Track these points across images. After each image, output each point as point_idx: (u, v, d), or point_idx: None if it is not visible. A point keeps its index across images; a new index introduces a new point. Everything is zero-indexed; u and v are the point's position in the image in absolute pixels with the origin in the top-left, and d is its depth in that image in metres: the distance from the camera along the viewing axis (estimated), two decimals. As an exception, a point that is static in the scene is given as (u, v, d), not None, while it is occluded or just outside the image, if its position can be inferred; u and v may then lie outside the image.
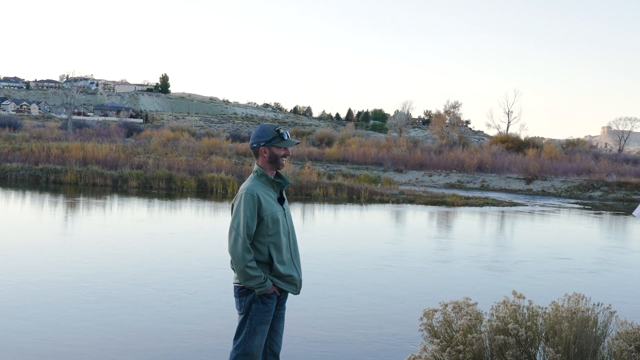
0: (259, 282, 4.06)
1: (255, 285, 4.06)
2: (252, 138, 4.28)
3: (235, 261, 4.07)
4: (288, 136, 4.27)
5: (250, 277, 4.05)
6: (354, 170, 36.46)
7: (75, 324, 7.15)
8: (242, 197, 4.10)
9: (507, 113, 71.78)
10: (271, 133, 4.22)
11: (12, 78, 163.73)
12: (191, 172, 26.02)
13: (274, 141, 4.21)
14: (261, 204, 4.10)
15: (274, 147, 4.21)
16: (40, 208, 17.88)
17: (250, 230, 4.07)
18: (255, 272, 4.05)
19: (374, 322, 7.80)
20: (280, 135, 4.23)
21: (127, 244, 12.44)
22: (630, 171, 37.82)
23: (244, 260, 4.03)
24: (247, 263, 4.03)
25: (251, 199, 4.08)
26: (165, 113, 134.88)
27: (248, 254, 4.04)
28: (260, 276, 4.07)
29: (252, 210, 4.06)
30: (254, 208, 4.07)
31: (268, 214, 4.11)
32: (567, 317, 4.68)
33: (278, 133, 4.23)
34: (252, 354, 4.12)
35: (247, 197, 4.08)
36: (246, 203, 4.07)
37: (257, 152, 4.25)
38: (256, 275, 4.05)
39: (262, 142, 4.22)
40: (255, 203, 4.08)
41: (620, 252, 14.88)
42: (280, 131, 4.24)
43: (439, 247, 14.38)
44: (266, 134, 4.23)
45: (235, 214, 4.12)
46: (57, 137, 42.28)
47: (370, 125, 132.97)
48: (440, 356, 4.75)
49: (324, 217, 19.21)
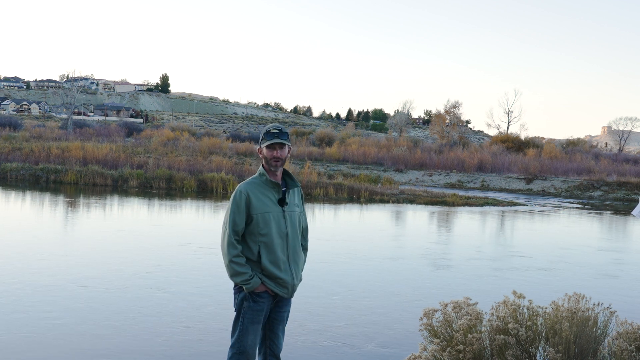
0: (245, 278, 4.08)
1: (241, 282, 4.10)
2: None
3: (222, 255, 4.15)
4: (275, 136, 4.15)
5: (236, 273, 4.10)
6: (354, 170, 36.47)
7: (76, 324, 7.15)
8: (234, 194, 4.19)
9: (508, 113, 71.89)
10: (262, 134, 4.23)
11: (12, 78, 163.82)
12: (191, 171, 26.04)
13: (262, 142, 4.22)
14: (251, 203, 4.13)
15: (264, 148, 4.20)
16: (41, 208, 17.87)
17: (237, 226, 4.11)
18: (241, 269, 4.08)
19: (374, 322, 7.80)
20: (265, 135, 4.19)
21: (128, 244, 12.44)
22: (631, 171, 37.82)
23: (228, 254, 4.09)
24: (231, 258, 4.08)
25: (240, 196, 4.14)
26: (166, 113, 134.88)
27: (233, 249, 4.09)
28: (247, 273, 4.08)
29: (239, 207, 4.12)
30: (242, 205, 4.12)
31: (258, 213, 4.12)
32: (567, 316, 4.68)
33: (265, 133, 4.20)
34: (246, 352, 4.15)
35: (237, 194, 4.16)
36: (234, 200, 4.15)
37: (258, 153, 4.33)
38: (242, 271, 4.08)
39: (259, 143, 4.28)
40: (243, 201, 4.12)
41: (621, 252, 14.87)
42: (268, 131, 4.18)
43: (439, 246, 14.38)
44: (260, 135, 4.26)
45: (226, 210, 4.21)
46: (58, 137, 42.30)
47: (371, 125, 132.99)
48: (441, 356, 4.75)
49: (324, 217, 19.20)
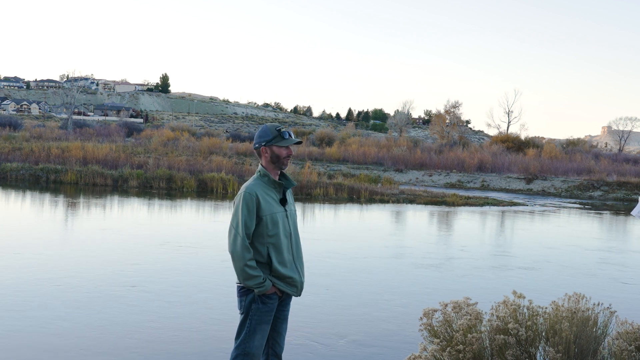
0: (258, 282, 4.06)
1: (254, 285, 4.06)
2: (255, 138, 4.30)
3: (234, 260, 4.06)
4: (290, 135, 4.26)
5: (249, 277, 4.04)
6: (354, 170, 36.47)
7: (78, 325, 7.15)
8: (241, 196, 4.11)
9: (508, 113, 71.89)
10: (272, 133, 4.23)
11: (13, 78, 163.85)
12: (191, 171, 26.04)
13: (274, 141, 4.21)
14: (260, 204, 4.09)
15: (275, 147, 4.22)
16: (41, 208, 17.86)
17: (249, 229, 4.06)
18: (254, 272, 4.04)
19: (373, 321, 7.80)
20: (281, 135, 4.23)
21: (127, 244, 12.44)
22: (631, 171, 37.81)
23: (243, 258, 4.03)
24: (246, 262, 4.03)
25: (250, 198, 4.08)
26: (166, 113, 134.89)
27: (247, 252, 4.04)
28: (260, 276, 4.06)
29: (250, 210, 4.06)
30: (253, 207, 4.07)
31: (267, 215, 4.11)
32: (567, 316, 4.68)
33: (279, 132, 4.24)
34: (252, 353, 4.12)
35: (246, 196, 4.09)
36: (245, 202, 4.08)
37: (259, 152, 4.27)
38: (255, 274, 4.04)
39: (263, 142, 4.22)
40: (254, 202, 4.07)
41: (621, 252, 14.87)
42: (281, 130, 4.24)
43: (439, 246, 14.38)
44: (267, 134, 4.23)
45: (234, 212, 4.12)
46: (58, 137, 42.30)
47: (371, 125, 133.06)
48: (440, 356, 4.75)
49: (324, 217, 19.20)
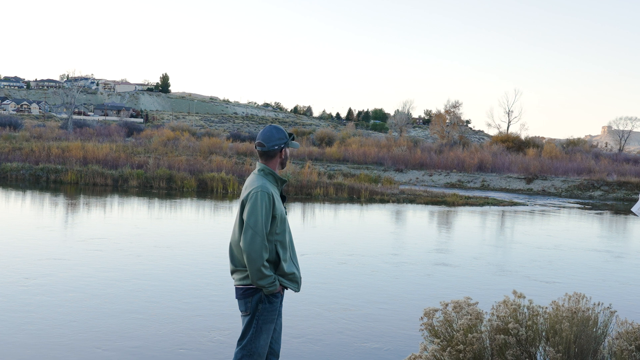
0: (270, 281, 4.05)
1: (266, 285, 4.04)
2: (272, 140, 4.22)
3: (251, 259, 3.97)
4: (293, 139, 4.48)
5: (263, 277, 4.01)
6: (354, 170, 36.47)
7: (78, 325, 7.16)
8: (258, 194, 4.04)
9: (508, 113, 71.91)
10: (286, 135, 4.32)
11: (13, 78, 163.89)
12: (191, 171, 26.05)
13: (288, 142, 4.32)
14: (274, 203, 4.11)
15: (287, 148, 4.32)
16: (41, 207, 17.86)
17: (267, 229, 4.04)
18: (268, 272, 4.04)
19: (374, 321, 7.80)
20: (290, 137, 4.37)
21: (127, 244, 12.44)
22: (631, 171, 37.82)
23: (261, 259, 3.98)
24: (263, 262, 4.00)
25: (268, 198, 4.06)
26: (166, 113, 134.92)
27: (266, 252, 4.01)
28: (272, 276, 4.07)
29: (268, 209, 4.04)
30: (270, 207, 4.06)
31: (279, 213, 4.14)
32: (567, 316, 4.68)
33: (288, 135, 4.37)
34: (258, 353, 4.13)
35: (264, 195, 4.04)
36: (264, 203, 4.02)
37: (275, 152, 4.24)
38: (269, 274, 4.04)
39: (282, 143, 4.25)
40: (271, 202, 4.07)
41: (621, 252, 14.87)
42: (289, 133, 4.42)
43: (439, 246, 14.37)
44: (284, 135, 4.29)
45: (251, 211, 4.01)
46: (58, 137, 42.32)
47: (371, 125, 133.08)
48: (441, 356, 4.75)
49: (324, 216, 19.20)
